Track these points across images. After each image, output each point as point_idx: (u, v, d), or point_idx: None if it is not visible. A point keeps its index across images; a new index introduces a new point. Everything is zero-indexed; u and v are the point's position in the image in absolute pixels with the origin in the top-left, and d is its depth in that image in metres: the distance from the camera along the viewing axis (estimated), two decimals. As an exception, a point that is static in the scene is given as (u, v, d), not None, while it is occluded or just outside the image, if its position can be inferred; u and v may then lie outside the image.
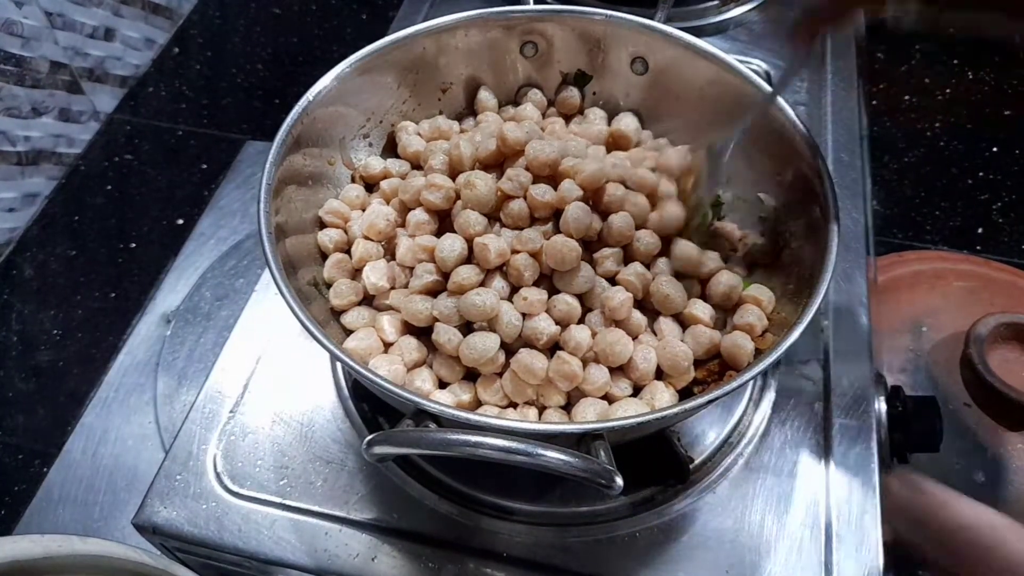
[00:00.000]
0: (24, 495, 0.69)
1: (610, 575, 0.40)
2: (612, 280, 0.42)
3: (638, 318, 0.41)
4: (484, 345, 0.39)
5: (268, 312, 0.51)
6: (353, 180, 0.48)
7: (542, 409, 0.40)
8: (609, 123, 0.50)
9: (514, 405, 0.40)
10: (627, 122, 0.49)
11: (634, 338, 0.41)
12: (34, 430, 0.76)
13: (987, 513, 0.22)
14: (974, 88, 1.04)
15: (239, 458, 0.45)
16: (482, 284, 0.41)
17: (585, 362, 0.40)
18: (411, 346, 0.41)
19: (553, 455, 0.27)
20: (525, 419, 0.39)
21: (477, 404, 0.40)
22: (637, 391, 0.40)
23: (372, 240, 0.44)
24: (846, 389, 0.47)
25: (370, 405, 0.47)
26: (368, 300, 0.43)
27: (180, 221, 0.92)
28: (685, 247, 0.43)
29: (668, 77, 0.49)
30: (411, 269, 0.42)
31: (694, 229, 0.45)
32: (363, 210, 0.46)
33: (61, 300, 0.86)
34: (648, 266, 0.43)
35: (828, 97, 0.62)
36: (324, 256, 0.44)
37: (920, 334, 0.69)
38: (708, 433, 0.46)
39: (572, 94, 0.51)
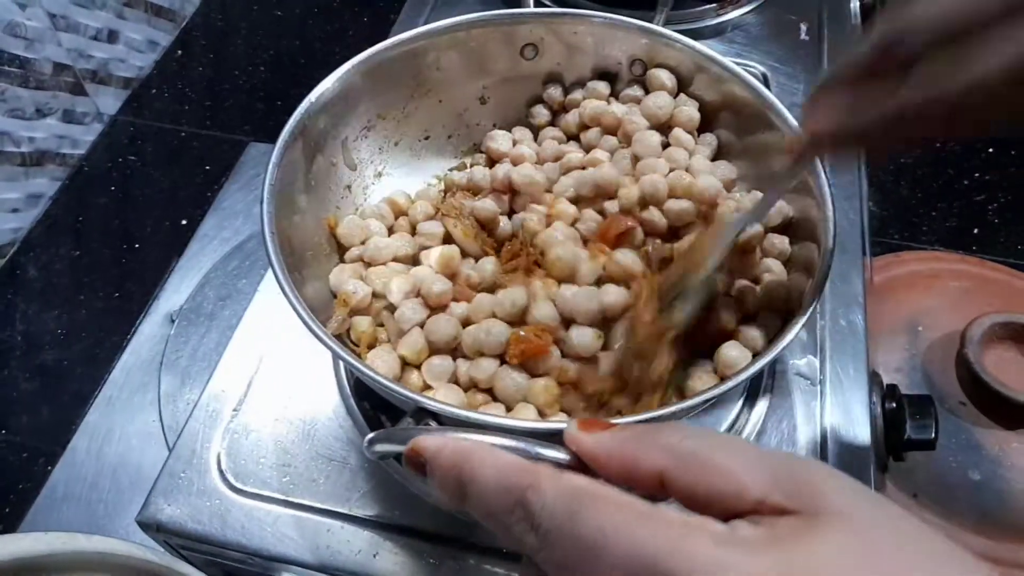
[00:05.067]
0: (29, 493, 0.69)
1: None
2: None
3: None
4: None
5: (271, 312, 0.51)
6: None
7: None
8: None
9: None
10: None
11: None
12: (38, 429, 0.76)
13: None
14: (971, 89, 1.04)
15: (242, 456, 0.45)
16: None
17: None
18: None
19: (552, 453, 0.28)
20: (525, 418, 0.39)
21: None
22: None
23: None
24: (842, 388, 0.48)
25: (372, 403, 0.47)
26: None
27: (183, 222, 0.92)
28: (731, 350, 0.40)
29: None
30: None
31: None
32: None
33: (65, 300, 0.86)
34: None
35: (825, 99, 0.62)
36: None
37: (916, 334, 0.69)
38: (705, 431, 0.46)
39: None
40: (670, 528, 0.21)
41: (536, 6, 0.54)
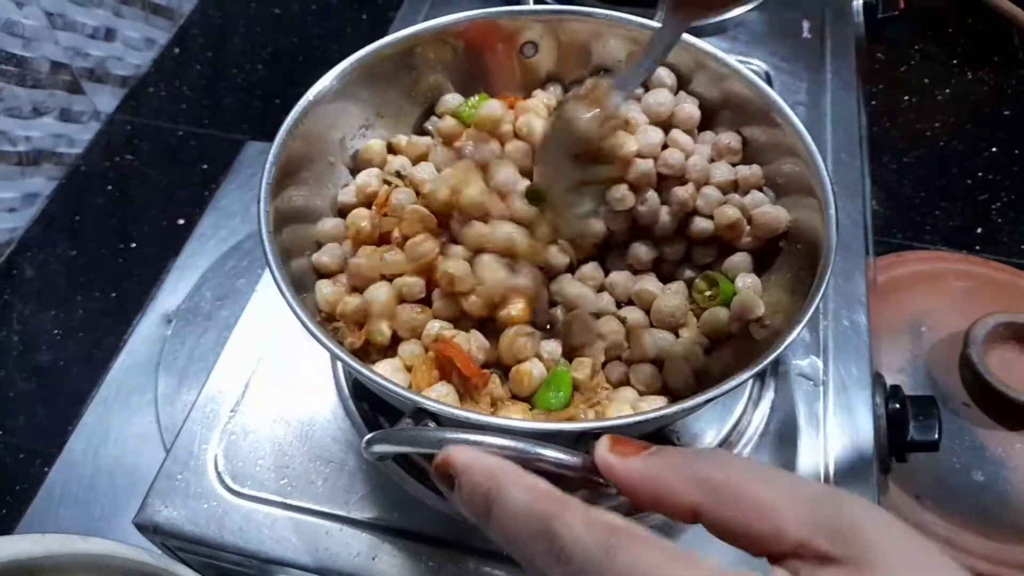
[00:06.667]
0: (25, 495, 0.69)
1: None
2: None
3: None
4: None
5: (268, 312, 0.51)
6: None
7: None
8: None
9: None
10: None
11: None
12: (35, 430, 0.76)
13: None
14: (973, 88, 1.04)
15: (240, 457, 0.45)
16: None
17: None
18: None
19: (551, 453, 0.27)
20: (524, 418, 0.39)
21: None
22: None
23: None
24: (845, 389, 0.48)
25: (370, 404, 0.47)
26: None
27: (181, 221, 0.92)
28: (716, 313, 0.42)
29: (667, 77, 0.49)
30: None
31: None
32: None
33: (62, 300, 0.86)
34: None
35: (827, 98, 0.62)
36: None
37: (919, 334, 0.69)
38: (707, 432, 0.46)
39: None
40: None
41: (536, 3, 0.54)
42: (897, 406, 0.48)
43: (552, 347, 0.41)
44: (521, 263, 0.42)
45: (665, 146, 0.46)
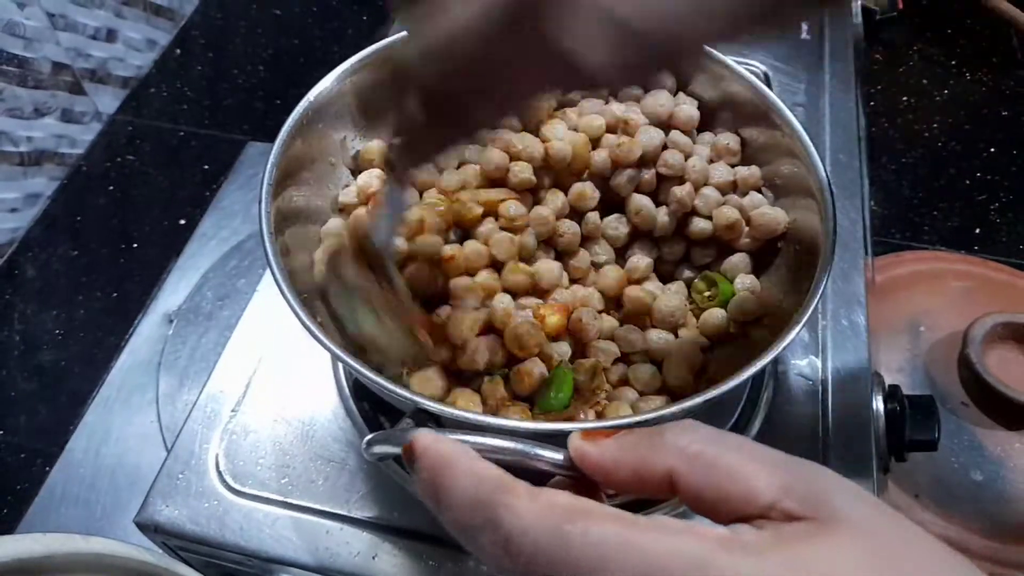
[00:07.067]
0: (26, 494, 0.69)
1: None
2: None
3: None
4: None
5: (269, 312, 0.51)
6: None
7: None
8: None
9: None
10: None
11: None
12: (36, 429, 0.76)
13: None
14: (972, 89, 1.04)
15: (241, 457, 0.45)
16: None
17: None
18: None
19: (551, 454, 0.27)
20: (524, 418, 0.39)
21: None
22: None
23: None
24: (843, 388, 0.48)
25: (371, 404, 0.47)
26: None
27: (182, 221, 0.92)
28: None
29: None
30: None
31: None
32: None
33: (63, 300, 0.86)
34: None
35: (826, 99, 0.63)
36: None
37: (918, 334, 0.69)
38: (707, 432, 0.46)
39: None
40: (675, 534, 0.20)
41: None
42: (896, 406, 0.48)
43: (563, 349, 0.41)
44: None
45: (664, 147, 0.47)
